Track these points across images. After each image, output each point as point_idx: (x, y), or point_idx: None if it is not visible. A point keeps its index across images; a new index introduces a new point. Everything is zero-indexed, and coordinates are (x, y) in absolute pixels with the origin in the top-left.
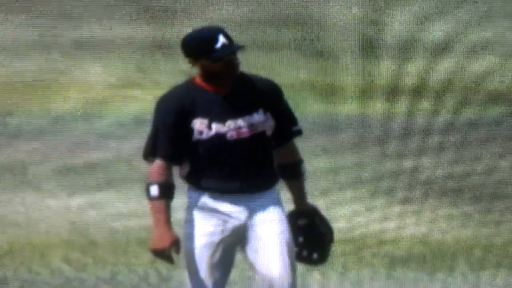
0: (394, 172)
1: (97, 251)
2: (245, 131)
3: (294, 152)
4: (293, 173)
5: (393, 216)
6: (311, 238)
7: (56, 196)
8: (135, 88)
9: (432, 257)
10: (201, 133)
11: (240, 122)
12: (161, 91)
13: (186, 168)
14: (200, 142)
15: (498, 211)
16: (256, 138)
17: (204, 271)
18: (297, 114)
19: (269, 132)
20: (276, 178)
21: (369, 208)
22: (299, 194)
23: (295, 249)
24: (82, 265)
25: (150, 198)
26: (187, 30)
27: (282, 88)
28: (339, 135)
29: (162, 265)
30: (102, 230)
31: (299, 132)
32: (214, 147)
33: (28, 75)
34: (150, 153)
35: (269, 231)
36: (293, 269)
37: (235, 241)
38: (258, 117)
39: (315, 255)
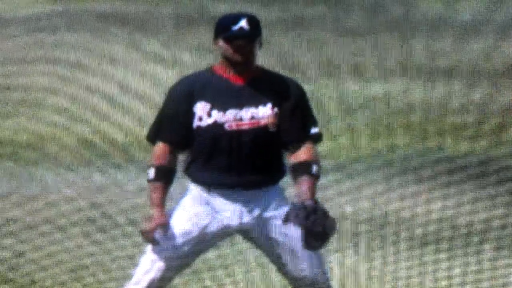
0: (419, 152)
1: (116, 229)
2: (245, 123)
3: (306, 153)
4: (299, 172)
5: (418, 197)
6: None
7: (76, 173)
8: (157, 64)
9: (456, 238)
10: (200, 119)
11: (242, 113)
12: (183, 69)
13: (187, 160)
14: (199, 130)
15: None
16: (257, 132)
17: (165, 255)
18: (322, 93)
19: (272, 129)
20: (278, 175)
21: (393, 188)
22: (305, 191)
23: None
24: (101, 243)
25: (147, 180)
26: (209, 7)
27: (307, 66)
28: (365, 114)
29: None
30: (122, 208)
31: (316, 136)
32: (212, 136)
33: (50, 50)
34: (153, 136)
35: (290, 237)
36: (323, 268)
37: (215, 240)
38: (263, 110)
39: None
